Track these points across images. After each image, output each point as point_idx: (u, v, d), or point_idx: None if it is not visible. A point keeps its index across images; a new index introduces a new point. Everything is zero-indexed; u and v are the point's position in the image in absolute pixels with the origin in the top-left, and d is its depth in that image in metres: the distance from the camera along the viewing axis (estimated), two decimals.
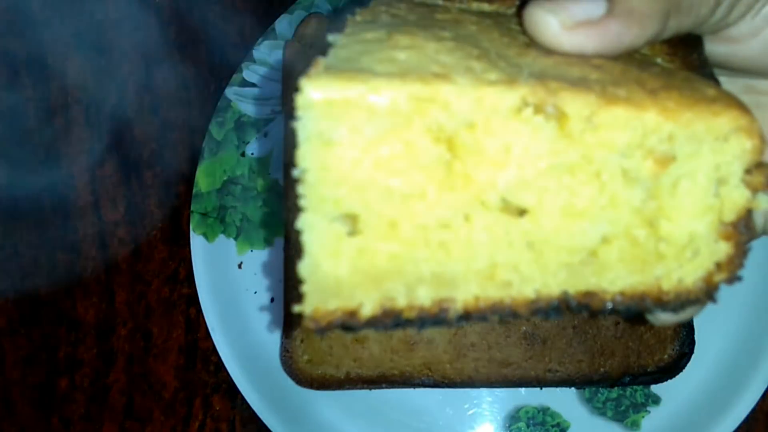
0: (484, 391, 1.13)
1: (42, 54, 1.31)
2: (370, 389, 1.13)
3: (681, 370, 1.09)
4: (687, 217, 0.54)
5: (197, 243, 1.16)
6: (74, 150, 1.27)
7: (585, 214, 0.52)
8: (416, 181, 0.50)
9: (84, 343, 1.20)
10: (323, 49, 0.51)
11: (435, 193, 0.50)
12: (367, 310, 0.53)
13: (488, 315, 0.55)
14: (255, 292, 1.17)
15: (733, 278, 0.57)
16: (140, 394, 1.18)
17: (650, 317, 0.63)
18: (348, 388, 1.11)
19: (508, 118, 0.49)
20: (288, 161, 1.17)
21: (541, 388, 1.13)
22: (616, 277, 0.55)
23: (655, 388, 1.12)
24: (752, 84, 0.67)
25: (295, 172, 0.49)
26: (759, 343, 1.11)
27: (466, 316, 0.54)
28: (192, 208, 1.17)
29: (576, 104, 0.49)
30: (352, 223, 0.50)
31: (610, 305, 0.56)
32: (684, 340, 1.10)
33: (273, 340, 1.14)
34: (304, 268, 0.51)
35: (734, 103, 0.53)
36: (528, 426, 1.12)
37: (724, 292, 1.18)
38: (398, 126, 0.48)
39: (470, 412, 1.13)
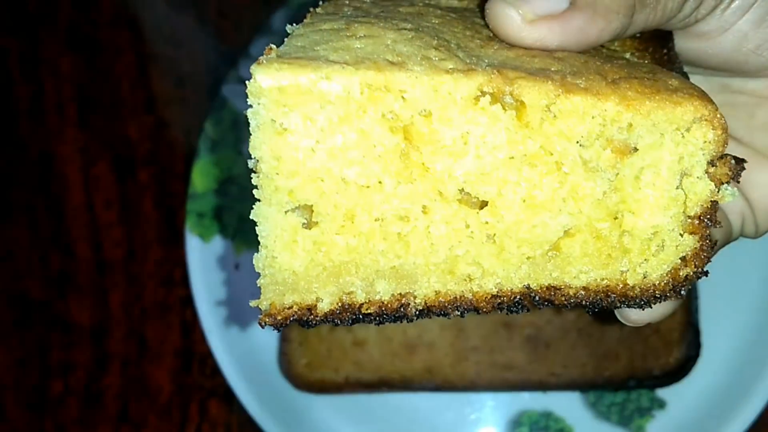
0: (486, 395, 1.12)
1: (36, 51, 1.29)
2: (370, 393, 1.11)
3: (687, 374, 1.08)
4: (651, 210, 0.53)
5: (193, 244, 1.14)
6: (68, 149, 1.26)
7: (546, 206, 0.52)
8: (372, 172, 0.49)
9: (78, 346, 1.19)
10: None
11: (392, 183, 0.50)
12: (325, 305, 0.53)
13: (449, 310, 0.55)
14: (252, 294, 1.15)
15: (699, 273, 0.56)
16: (135, 398, 1.17)
17: (619, 315, 0.61)
18: (347, 393, 1.10)
19: (465, 107, 0.49)
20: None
21: (545, 392, 1.11)
22: (579, 272, 0.55)
23: (660, 393, 1.11)
24: (727, 83, 0.66)
25: (250, 162, 0.49)
26: (765, 348, 1.10)
27: (426, 311, 0.54)
28: (188, 208, 1.16)
29: (534, 93, 0.49)
30: (307, 214, 0.50)
31: (572, 301, 0.56)
32: (690, 343, 1.09)
33: (271, 343, 1.13)
34: (259, 260, 0.51)
35: (696, 93, 0.52)
36: (531, 430, 1.11)
37: (731, 297, 1.16)
38: (352, 114, 0.48)
39: (472, 416, 1.12)
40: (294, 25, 0.52)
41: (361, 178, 0.49)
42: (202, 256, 1.14)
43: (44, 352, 1.19)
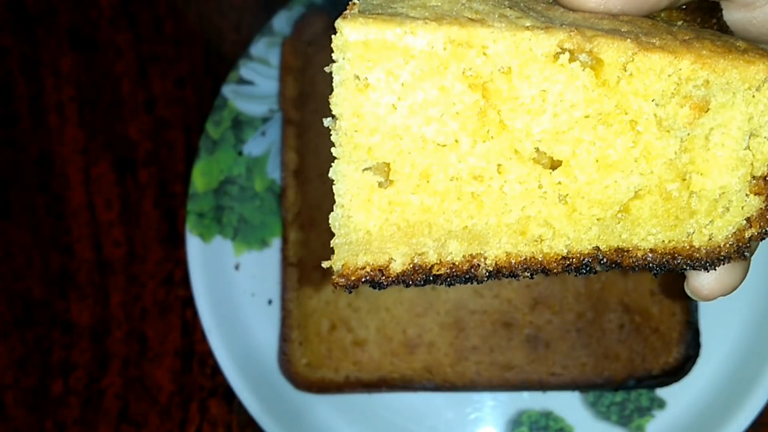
0: (486, 394, 1.12)
1: (36, 51, 1.29)
2: (370, 393, 1.11)
3: (687, 374, 1.08)
4: (719, 171, 0.53)
5: (193, 244, 1.14)
6: (68, 149, 1.26)
7: (619, 166, 0.52)
8: (451, 129, 0.49)
9: (78, 346, 1.19)
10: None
11: (469, 142, 0.50)
12: (398, 265, 0.53)
13: (518, 272, 0.55)
14: (252, 294, 1.15)
15: (764, 234, 0.56)
16: (135, 397, 1.17)
17: (690, 292, 0.61)
18: (347, 392, 1.10)
19: (545, 64, 0.49)
20: (286, 161, 1.16)
21: (544, 392, 1.11)
22: (647, 233, 0.55)
23: (660, 392, 1.11)
24: None
25: (327, 121, 0.49)
26: (766, 347, 1.10)
27: (496, 272, 0.54)
28: (188, 209, 1.16)
29: (612, 51, 0.49)
30: (384, 173, 0.50)
31: (639, 263, 0.56)
32: (690, 343, 1.09)
33: (271, 343, 1.13)
34: (335, 219, 0.51)
35: (766, 53, 0.52)
36: (531, 430, 1.11)
37: (731, 297, 1.16)
38: (434, 70, 0.48)
39: (472, 416, 1.12)
40: None
41: (439, 136, 0.49)
42: (202, 256, 1.14)
43: (44, 352, 1.19)
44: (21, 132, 1.26)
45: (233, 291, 1.15)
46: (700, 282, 0.60)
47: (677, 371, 1.08)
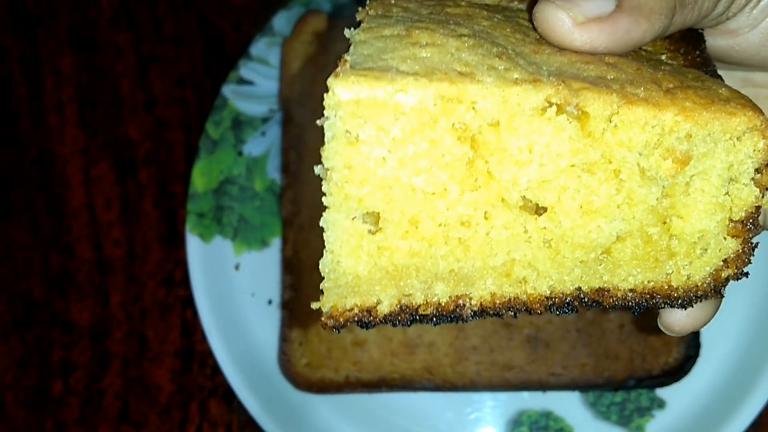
0: (486, 394, 1.12)
1: (36, 52, 1.29)
2: (370, 393, 1.11)
3: (686, 374, 1.08)
4: (699, 215, 0.55)
5: (193, 244, 1.14)
6: (68, 149, 1.26)
7: (602, 212, 0.54)
8: (439, 180, 0.51)
9: (78, 346, 1.19)
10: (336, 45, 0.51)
11: (457, 191, 0.51)
12: (385, 307, 0.54)
13: (502, 311, 0.56)
14: (252, 294, 1.15)
15: (740, 274, 0.58)
16: (135, 397, 1.17)
17: (663, 327, 0.64)
18: (347, 392, 1.10)
19: (532, 117, 0.50)
20: (286, 161, 1.16)
21: (544, 392, 1.11)
22: (628, 275, 0.57)
23: (660, 392, 1.11)
24: (749, 77, 0.69)
25: (318, 170, 0.50)
26: (765, 347, 1.10)
27: (481, 312, 0.56)
28: (188, 209, 1.16)
29: (598, 104, 0.50)
30: (373, 221, 0.51)
31: (619, 302, 0.57)
32: (690, 343, 1.09)
33: (271, 343, 1.13)
34: (325, 265, 0.52)
35: (748, 103, 0.54)
36: (531, 430, 1.11)
37: (730, 297, 1.16)
38: (425, 125, 0.49)
39: (472, 416, 1.12)
40: (352, 30, 0.53)
41: (428, 186, 0.50)
42: (202, 256, 1.14)
43: (44, 352, 1.19)
44: (21, 132, 1.26)
45: (233, 291, 1.15)
46: (673, 318, 0.62)
47: (677, 371, 1.08)
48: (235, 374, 1.10)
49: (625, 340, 1.09)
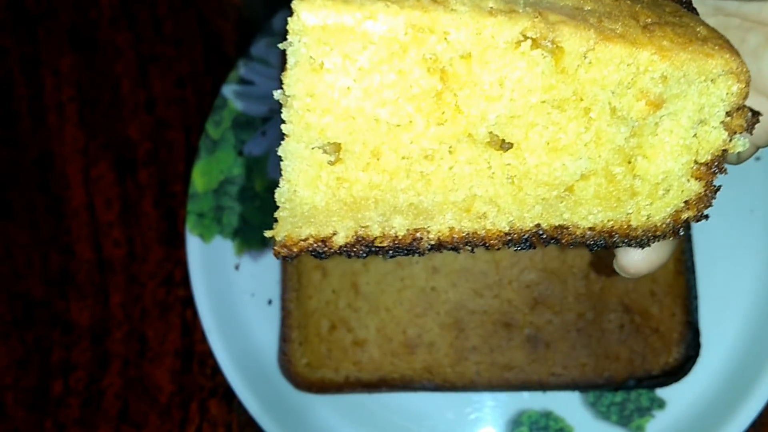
0: (486, 395, 1.12)
1: (36, 52, 1.29)
2: (370, 393, 1.11)
3: (686, 374, 1.08)
4: (664, 156, 0.54)
5: (193, 244, 1.14)
6: (68, 149, 1.26)
7: (568, 150, 0.52)
8: (405, 112, 0.49)
9: (78, 346, 1.19)
10: None
11: (423, 124, 0.49)
12: (341, 238, 0.54)
13: (460, 246, 0.56)
14: (252, 295, 1.15)
15: (700, 216, 0.57)
16: (135, 397, 1.17)
17: (618, 268, 0.63)
18: (347, 392, 1.10)
19: (506, 51, 0.48)
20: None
21: (544, 392, 1.11)
22: (588, 213, 0.56)
23: (660, 392, 1.11)
24: (721, 5, 0.66)
25: (277, 95, 0.48)
26: (765, 347, 1.10)
27: (438, 246, 0.55)
28: (188, 209, 1.16)
29: (574, 40, 0.48)
30: (334, 151, 0.50)
31: (578, 240, 0.57)
32: (690, 343, 1.09)
33: (271, 343, 1.13)
34: (281, 194, 0.51)
35: (725, 44, 0.52)
36: (531, 430, 1.11)
37: (731, 297, 1.16)
38: (393, 54, 0.47)
39: (472, 416, 1.12)
40: None
41: (393, 118, 0.49)
42: (202, 256, 1.14)
43: (44, 352, 1.19)
44: (21, 132, 1.26)
45: (233, 291, 1.14)
46: (628, 259, 0.62)
47: (677, 371, 1.08)
48: (235, 374, 1.10)
49: (625, 340, 1.08)
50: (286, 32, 0.46)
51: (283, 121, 0.48)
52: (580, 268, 1.09)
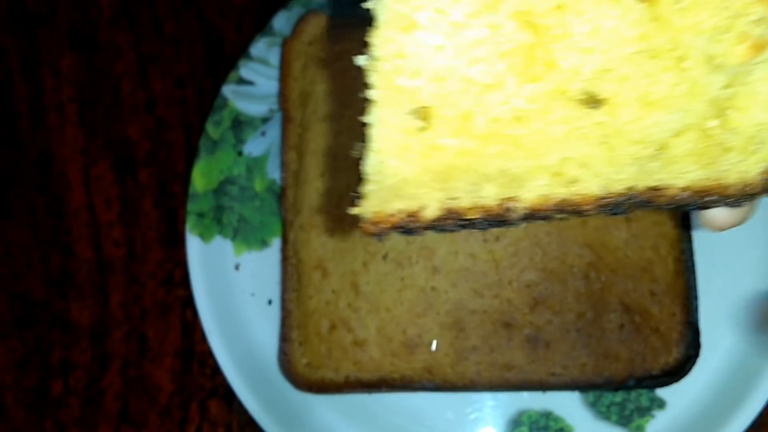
0: (485, 395, 1.12)
1: (36, 52, 1.29)
2: (370, 393, 1.11)
3: (687, 374, 1.08)
4: (757, 107, 0.51)
5: (193, 244, 1.14)
6: (68, 149, 1.26)
7: (662, 104, 0.49)
8: (497, 70, 0.46)
9: (78, 346, 1.19)
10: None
11: (515, 82, 0.47)
12: (431, 211, 0.50)
13: (552, 214, 0.52)
14: (252, 294, 1.15)
15: None
16: (135, 397, 1.17)
17: (705, 222, 0.60)
18: (347, 392, 1.10)
19: None
20: (286, 161, 1.16)
21: (544, 392, 1.11)
22: (683, 172, 0.52)
23: (660, 392, 1.11)
24: None
25: (362, 60, 0.46)
26: (765, 347, 1.10)
27: (530, 215, 0.52)
28: (188, 209, 1.16)
29: None
30: (424, 117, 0.47)
31: (672, 202, 0.53)
32: (690, 343, 1.09)
33: (271, 343, 1.13)
34: (369, 166, 0.48)
35: None
36: (531, 430, 1.11)
37: (731, 297, 1.16)
38: (487, 7, 0.44)
39: (472, 416, 1.12)
40: None
41: (485, 77, 0.46)
42: (202, 256, 1.14)
43: (44, 352, 1.19)
44: (21, 132, 1.26)
45: (233, 291, 1.14)
46: (714, 213, 0.58)
47: (677, 371, 1.08)
48: (235, 374, 1.10)
49: (625, 340, 1.08)
50: None
51: (372, 87, 0.46)
52: (580, 268, 1.09)
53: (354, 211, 0.50)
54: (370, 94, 0.46)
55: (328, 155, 1.13)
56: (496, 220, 0.52)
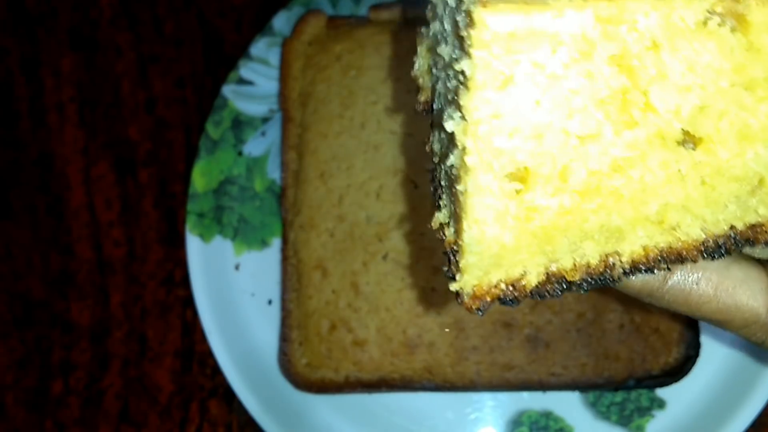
0: (486, 395, 1.12)
1: (36, 52, 1.29)
2: (370, 393, 1.11)
3: (686, 374, 1.08)
4: None
5: (193, 244, 1.14)
6: (68, 149, 1.26)
7: (759, 137, 0.47)
8: (594, 120, 0.44)
9: (78, 346, 1.19)
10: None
11: (611, 130, 0.44)
12: (533, 278, 0.48)
13: (655, 265, 0.50)
14: (252, 294, 1.15)
15: None
16: (135, 397, 1.17)
17: None
18: (347, 392, 1.10)
19: (695, 32, 0.43)
20: (286, 161, 1.16)
21: (545, 392, 1.11)
22: None
23: (660, 392, 1.11)
24: None
25: (452, 126, 0.43)
26: (765, 347, 1.09)
27: (633, 269, 0.50)
28: (188, 209, 1.16)
29: (761, 10, 0.43)
30: (522, 178, 0.45)
31: None
32: (690, 343, 1.09)
33: (271, 343, 1.13)
34: (470, 238, 0.45)
35: None
36: (531, 430, 1.11)
37: None
38: (583, 55, 0.42)
39: (472, 416, 1.12)
40: None
41: (582, 128, 0.44)
42: (202, 256, 1.14)
43: (44, 352, 1.19)
44: (21, 132, 1.26)
45: (233, 291, 1.14)
46: None
47: (677, 371, 1.08)
48: (235, 374, 1.10)
49: (625, 340, 1.08)
50: (462, 46, 0.40)
51: (467, 153, 0.42)
52: None
53: (453, 287, 0.48)
54: (465, 161, 0.43)
55: (328, 155, 1.13)
56: (599, 278, 0.50)
